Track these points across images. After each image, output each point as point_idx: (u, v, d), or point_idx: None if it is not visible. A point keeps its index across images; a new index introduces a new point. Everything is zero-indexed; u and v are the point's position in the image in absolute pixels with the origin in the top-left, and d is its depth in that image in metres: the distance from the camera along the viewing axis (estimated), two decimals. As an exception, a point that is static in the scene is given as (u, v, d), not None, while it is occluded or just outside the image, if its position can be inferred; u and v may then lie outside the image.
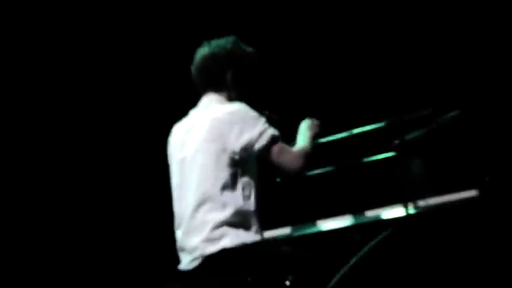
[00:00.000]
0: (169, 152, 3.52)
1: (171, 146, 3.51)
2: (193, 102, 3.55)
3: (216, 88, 3.45)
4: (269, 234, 4.15)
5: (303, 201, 4.24)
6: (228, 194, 3.22)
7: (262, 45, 3.63)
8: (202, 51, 3.48)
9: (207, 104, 3.43)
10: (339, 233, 4.04)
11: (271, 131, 3.28)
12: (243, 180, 3.27)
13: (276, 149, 3.26)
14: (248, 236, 3.21)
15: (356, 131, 4.08)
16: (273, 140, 3.26)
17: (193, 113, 3.47)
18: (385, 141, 3.93)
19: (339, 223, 4.05)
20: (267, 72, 3.71)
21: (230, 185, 3.23)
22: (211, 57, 3.44)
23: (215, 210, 3.20)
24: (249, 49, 3.52)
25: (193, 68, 3.50)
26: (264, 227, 3.33)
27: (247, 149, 3.25)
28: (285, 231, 4.21)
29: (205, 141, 3.30)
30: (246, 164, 3.29)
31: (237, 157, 3.24)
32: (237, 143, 3.24)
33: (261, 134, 3.25)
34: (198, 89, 3.50)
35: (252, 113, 3.33)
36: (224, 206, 3.20)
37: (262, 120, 3.31)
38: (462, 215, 3.99)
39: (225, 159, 3.24)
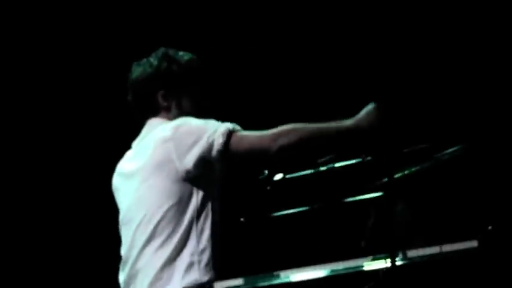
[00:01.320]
0: (113, 189, 3.18)
1: (114, 183, 3.18)
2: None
3: (154, 112, 3.13)
4: (221, 285, 3.79)
5: (268, 247, 3.85)
6: (181, 227, 2.91)
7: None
8: (131, 76, 3.18)
9: (149, 130, 3.11)
10: (309, 285, 3.67)
11: (224, 127, 2.92)
12: (199, 209, 2.92)
13: (234, 140, 2.89)
14: (202, 276, 2.88)
15: (337, 164, 3.69)
16: (229, 134, 2.90)
17: (135, 143, 3.16)
18: (370, 179, 3.64)
19: (309, 274, 3.69)
20: (218, 80, 3.49)
21: (183, 215, 2.92)
22: (139, 81, 3.14)
23: (164, 246, 2.90)
24: (183, 58, 3.17)
25: (128, 96, 3.19)
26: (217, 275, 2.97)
27: (203, 163, 2.91)
28: (238, 282, 3.82)
29: (151, 167, 2.97)
30: (202, 187, 2.93)
31: (191, 177, 2.92)
32: (188, 161, 2.91)
33: (212, 138, 2.89)
34: (137, 118, 3.19)
35: (197, 122, 2.98)
36: (175, 240, 2.90)
37: (210, 122, 2.95)
38: (458, 270, 3.61)
39: (176, 185, 2.93)
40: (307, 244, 3.75)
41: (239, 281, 3.79)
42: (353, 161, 3.62)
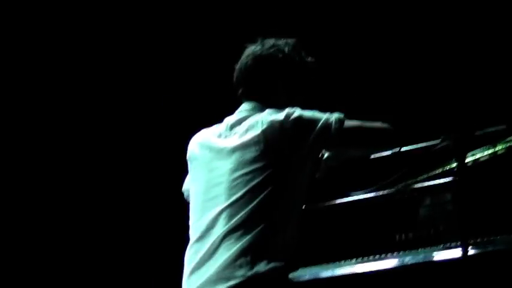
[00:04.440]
0: (192, 156, 3.17)
1: (193, 153, 3.15)
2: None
3: (261, 95, 3.12)
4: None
5: (330, 236, 3.64)
6: (271, 216, 2.93)
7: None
8: (254, 50, 3.13)
9: (250, 111, 3.08)
10: (375, 277, 3.45)
11: (337, 114, 3.02)
12: (291, 201, 2.99)
13: (348, 124, 3.02)
14: (278, 264, 2.92)
15: (405, 148, 3.49)
16: (343, 121, 3.01)
17: (229, 120, 3.11)
18: (440, 163, 3.45)
19: (375, 264, 3.47)
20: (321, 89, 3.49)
21: (277, 204, 2.95)
22: (263, 59, 3.11)
23: (250, 233, 2.91)
24: (309, 58, 3.21)
25: (238, 67, 3.15)
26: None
27: (313, 153, 3.04)
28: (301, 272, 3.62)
29: (256, 149, 2.97)
30: (300, 179, 3.01)
31: (296, 167, 2.98)
32: (300, 149, 2.96)
33: (327, 124, 2.99)
34: (237, 93, 3.18)
35: (308, 112, 3.02)
36: (261, 228, 2.92)
37: (321, 115, 3.02)
38: None
39: (279, 172, 2.96)
40: (372, 233, 3.55)
41: (302, 272, 3.62)
42: (421, 145, 3.45)
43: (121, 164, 5.52)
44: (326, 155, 3.21)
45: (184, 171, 3.34)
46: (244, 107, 3.12)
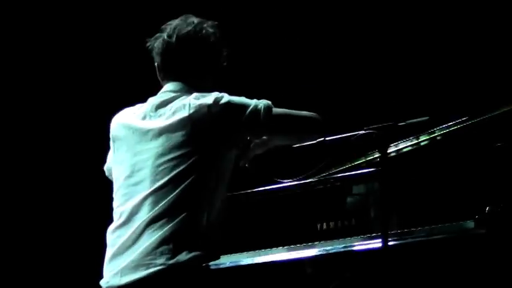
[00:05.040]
0: (115, 136, 3.14)
1: (116, 133, 3.13)
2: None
3: (188, 76, 3.13)
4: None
5: (252, 225, 3.65)
6: (197, 200, 2.94)
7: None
8: (186, 28, 3.13)
9: (174, 93, 3.08)
10: (295, 266, 3.51)
11: (265, 101, 3.04)
12: (217, 186, 2.99)
13: (276, 111, 3.05)
14: (202, 251, 2.92)
15: (328, 138, 3.44)
16: (270, 110, 3.03)
17: (153, 100, 3.08)
18: (364, 153, 3.52)
19: (295, 253, 3.49)
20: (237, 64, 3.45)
21: (204, 189, 2.95)
22: (194, 39, 3.12)
23: (177, 218, 2.91)
24: (225, 42, 3.23)
25: (163, 43, 3.13)
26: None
27: (241, 137, 3.07)
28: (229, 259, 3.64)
29: (185, 133, 2.96)
30: (226, 165, 3.02)
31: (224, 153, 3.00)
32: (221, 138, 2.97)
33: (256, 110, 3.00)
34: (159, 75, 3.20)
35: (236, 97, 3.03)
36: (188, 214, 2.92)
37: (250, 101, 3.03)
38: (453, 251, 3.45)
39: (208, 157, 2.96)
40: (294, 222, 3.57)
41: (223, 259, 3.59)
42: (345, 135, 3.40)
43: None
44: (252, 142, 3.19)
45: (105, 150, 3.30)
46: (170, 87, 3.10)
